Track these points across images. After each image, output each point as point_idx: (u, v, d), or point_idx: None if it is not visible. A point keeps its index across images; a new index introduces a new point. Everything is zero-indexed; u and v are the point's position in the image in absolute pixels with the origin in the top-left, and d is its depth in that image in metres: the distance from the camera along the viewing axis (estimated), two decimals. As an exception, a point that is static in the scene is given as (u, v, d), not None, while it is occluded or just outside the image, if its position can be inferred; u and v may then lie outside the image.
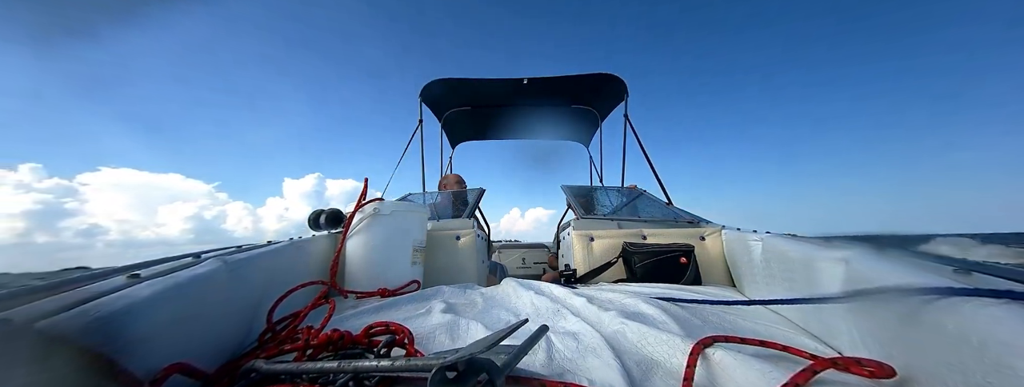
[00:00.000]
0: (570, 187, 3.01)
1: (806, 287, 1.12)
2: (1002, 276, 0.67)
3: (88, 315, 0.58)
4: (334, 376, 0.69)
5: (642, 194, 2.97)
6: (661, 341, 0.85)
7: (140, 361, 0.64)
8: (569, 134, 4.66)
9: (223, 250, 1.14)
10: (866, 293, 0.81)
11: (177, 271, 0.85)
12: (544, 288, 1.47)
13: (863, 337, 0.81)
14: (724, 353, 0.73)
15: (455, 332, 1.03)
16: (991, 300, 0.56)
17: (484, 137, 4.80)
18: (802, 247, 1.20)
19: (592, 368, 0.77)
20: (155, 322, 0.70)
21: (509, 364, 0.66)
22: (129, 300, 0.66)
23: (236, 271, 1.02)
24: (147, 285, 0.73)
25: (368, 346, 0.86)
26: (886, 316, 0.74)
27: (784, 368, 0.66)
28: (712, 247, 1.97)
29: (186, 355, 0.73)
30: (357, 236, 1.68)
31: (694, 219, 2.25)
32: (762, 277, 1.46)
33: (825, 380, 0.66)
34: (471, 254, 2.11)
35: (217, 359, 0.88)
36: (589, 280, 1.93)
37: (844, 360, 0.68)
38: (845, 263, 0.95)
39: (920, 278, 0.72)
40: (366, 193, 1.77)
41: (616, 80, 3.46)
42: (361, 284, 1.60)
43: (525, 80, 3.45)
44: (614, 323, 0.99)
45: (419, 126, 3.57)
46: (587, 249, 2.06)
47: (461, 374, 0.59)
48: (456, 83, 3.57)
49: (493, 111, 4.15)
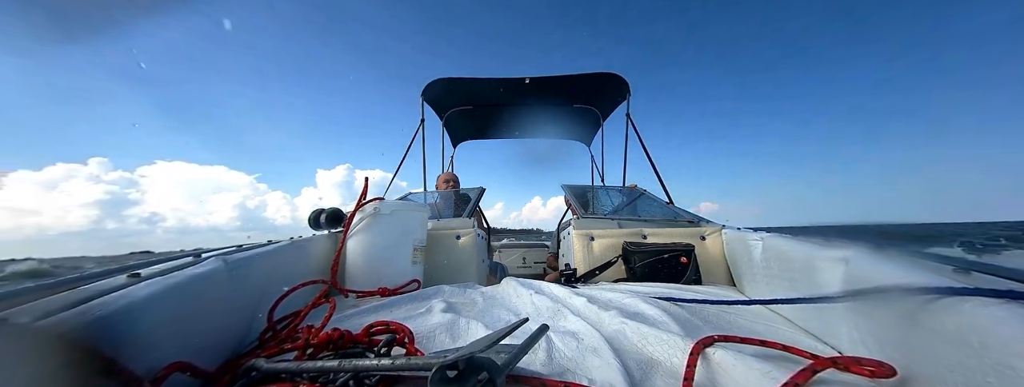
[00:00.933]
0: (571, 186, 3.01)
1: (806, 287, 1.12)
2: (1002, 276, 0.67)
3: (89, 314, 0.58)
4: (335, 375, 0.69)
5: (643, 194, 2.96)
6: (661, 341, 0.85)
7: (141, 360, 0.64)
8: (571, 133, 4.65)
9: (223, 250, 1.14)
10: (866, 293, 0.81)
11: (177, 271, 0.85)
12: (544, 288, 1.47)
13: (863, 337, 0.81)
14: (724, 353, 0.73)
15: (455, 331, 1.03)
16: (991, 300, 0.56)
17: (485, 136, 4.79)
18: (802, 247, 1.20)
19: (592, 367, 0.77)
20: (156, 321, 0.70)
21: (509, 363, 0.66)
22: (130, 299, 0.66)
23: (236, 270, 1.03)
24: (148, 284, 0.73)
25: (368, 345, 0.87)
26: (886, 316, 0.74)
27: (784, 368, 0.66)
28: (712, 247, 1.97)
29: (187, 354, 0.73)
30: (357, 235, 1.68)
31: (694, 219, 2.25)
32: (762, 277, 1.46)
33: (825, 380, 0.66)
34: (471, 253, 2.11)
35: (218, 358, 0.88)
36: (589, 279, 1.93)
37: (844, 360, 0.68)
38: (845, 263, 0.95)
39: (920, 278, 0.72)
40: (366, 192, 1.77)
41: (618, 79, 3.45)
42: (361, 283, 1.60)
43: (527, 79, 3.45)
44: (614, 323, 0.99)
45: (421, 125, 3.57)
46: (587, 248, 2.06)
47: (461, 373, 0.59)
48: (458, 82, 3.57)
49: (495, 110, 4.15)
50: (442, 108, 4.00)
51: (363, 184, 1.79)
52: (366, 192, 1.77)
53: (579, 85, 3.63)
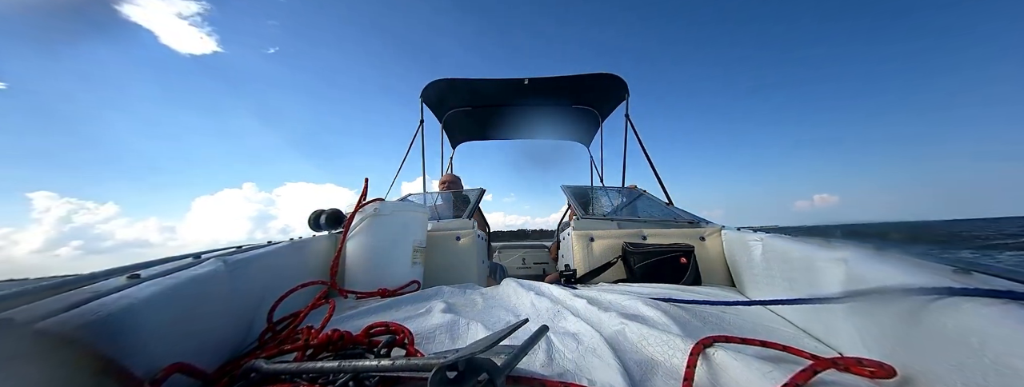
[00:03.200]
0: (570, 187, 3.01)
1: (806, 287, 1.12)
2: (1002, 276, 0.67)
3: (89, 315, 0.58)
4: (334, 376, 0.69)
5: (642, 194, 2.96)
6: (661, 341, 0.84)
7: (141, 361, 0.64)
8: (570, 134, 4.66)
9: (223, 250, 1.14)
10: (866, 293, 0.81)
11: (177, 271, 0.85)
12: (544, 289, 1.47)
13: (863, 337, 0.81)
14: (724, 353, 0.73)
15: (455, 332, 1.03)
16: (991, 300, 0.56)
17: (485, 137, 4.79)
18: (802, 247, 1.20)
19: (592, 368, 0.77)
20: (156, 322, 0.70)
21: (509, 364, 0.66)
22: (130, 300, 0.66)
23: (236, 271, 1.02)
24: (148, 285, 0.73)
25: (368, 346, 0.86)
26: (886, 316, 0.74)
27: (785, 368, 0.66)
28: (712, 247, 1.97)
29: (187, 355, 0.73)
30: (357, 236, 1.68)
31: (694, 219, 2.25)
32: (762, 277, 1.46)
33: (826, 380, 0.66)
34: (471, 254, 2.11)
35: (217, 359, 0.88)
36: (589, 280, 1.93)
37: (845, 360, 0.68)
38: (845, 263, 0.95)
39: (920, 278, 0.72)
40: (366, 193, 1.77)
41: (617, 80, 3.45)
42: (361, 284, 1.59)
43: (526, 80, 3.45)
44: (614, 324, 0.99)
45: (420, 127, 3.57)
46: (587, 249, 2.06)
47: (461, 374, 0.59)
48: (457, 83, 3.57)
49: (494, 111, 4.15)
50: (441, 109, 4.00)
51: (363, 185, 1.79)
52: (366, 193, 1.77)
53: (578, 85, 3.64)
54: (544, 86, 3.54)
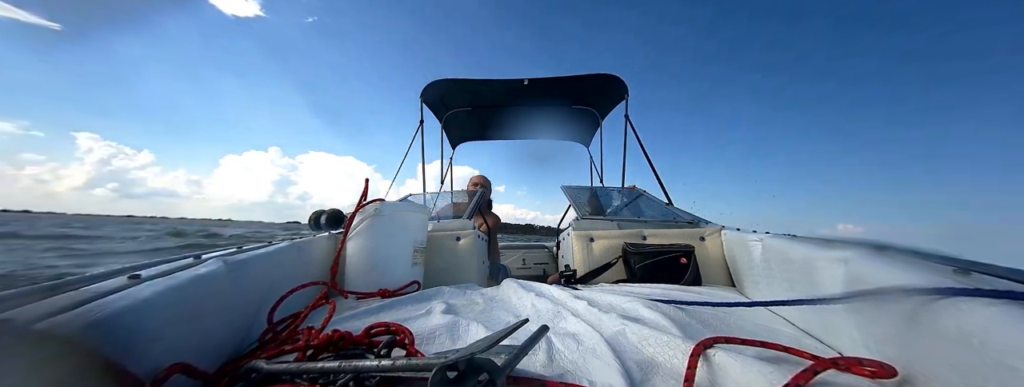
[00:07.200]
0: (570, 187, 3.01)
1: (807, 288, 1.12)
2: (1002, 276, 0.67)
3: (89, 315, 0.58)
4: (335, 376, 0.69)
5: (642, 194, 2.97)
6: (662, 342, 0.85)
7: (141, 361, 0.64)
8: (569, 134, 4.66)
9: (224, 250, 1.14)
10: (867, 293, 0.81)
11: (177, 271, 0.85)
12: (544, 290, 1.47)
13: (864, 337, 0.81)
14: (725, 354, 0.73)
15: (455, 333, 1.03)
16: (991, 300, 0.57)
17: (484, 137, 4.80)
18: (802, 247, 1.20)
19: (593, 369, 0.77)
20: (156, 322, 0.70)
21: (509, 364, 0.66)
22: (130, 300, 0.66)
23: (237, 271, 1.02)
24: (147, 285, 0.73)
25: (369, 346, 0.86)
26: (887, 316, 0.74)
27: (785, 369, 0.66)
28: (712, 247, 1.97)
29: (187, 355, 0.73)
30: (357, 237, 1.68)
31: (694, 219, 2.25)
32: (762, 278, 1.46)
33: (826, 380, 0.66)
34: (471, 255, 2.11)
35: (218, 359, 0.88)
36: (589, 281, 1.93)
37: (845, 360, 0.68)
38: (845, 263, 0.95)
39: (920, 278, 0.72)
40: (367, 194, 1.77)
41: (616, 80, 3.46)
42: (361, 285, 1.59)
43: (525, 81, 3.45)
44: (614, 324, 0.99)
45: (420, 127, 3.58)
46: (587, 250, 2.06)
47: (461, 374, 0.59)
48: (456, 84, 3.58)
49: (493, 111, 4.16)
50: (441, 109, 4.01)
51: (364, 185, 1.79)
52: (366, 193, 1.77)
53: (577, 86, 3.64)
54: (544, 86, 3.55)
